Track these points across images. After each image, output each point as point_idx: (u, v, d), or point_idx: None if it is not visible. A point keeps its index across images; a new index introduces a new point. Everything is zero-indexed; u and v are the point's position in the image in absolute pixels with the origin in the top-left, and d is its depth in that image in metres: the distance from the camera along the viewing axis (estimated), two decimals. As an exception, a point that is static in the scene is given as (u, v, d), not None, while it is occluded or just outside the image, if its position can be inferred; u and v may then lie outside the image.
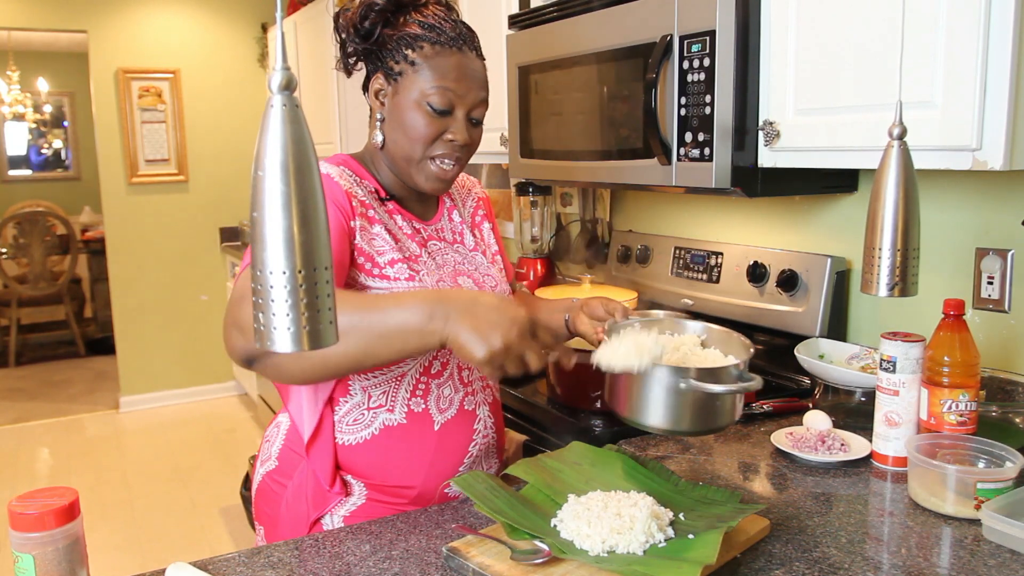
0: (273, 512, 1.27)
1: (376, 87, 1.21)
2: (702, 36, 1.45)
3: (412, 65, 1.16)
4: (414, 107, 1.16)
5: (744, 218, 1.99)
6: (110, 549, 3.18)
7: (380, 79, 1.20)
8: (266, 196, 0.60)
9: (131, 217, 4.79)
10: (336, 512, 1.22)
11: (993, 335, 1.47)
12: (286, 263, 0.60)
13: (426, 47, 1.15)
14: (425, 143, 1.17)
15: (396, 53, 1.17)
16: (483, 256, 1.34)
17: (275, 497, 1.27)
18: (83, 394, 5.29)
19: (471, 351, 0.93)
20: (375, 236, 1.17)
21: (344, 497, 1.22)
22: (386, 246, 1.17)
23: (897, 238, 1.07)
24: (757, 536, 1.04)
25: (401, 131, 1.18)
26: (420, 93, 1.16)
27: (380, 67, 1.19)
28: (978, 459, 1.16)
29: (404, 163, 1.20)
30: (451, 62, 1.16)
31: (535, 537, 0.97)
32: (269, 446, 1.31)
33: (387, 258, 1.17)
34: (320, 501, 1.22)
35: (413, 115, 1.16)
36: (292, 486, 1.25)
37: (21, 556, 0.86)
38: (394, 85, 1.18)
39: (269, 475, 1.29)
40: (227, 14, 4.87)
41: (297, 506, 1.23)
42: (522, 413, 1.69)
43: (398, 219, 1.23)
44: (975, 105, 1.11)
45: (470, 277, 1.28)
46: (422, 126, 1.16)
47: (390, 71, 1.18)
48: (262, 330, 0.62)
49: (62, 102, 7.99)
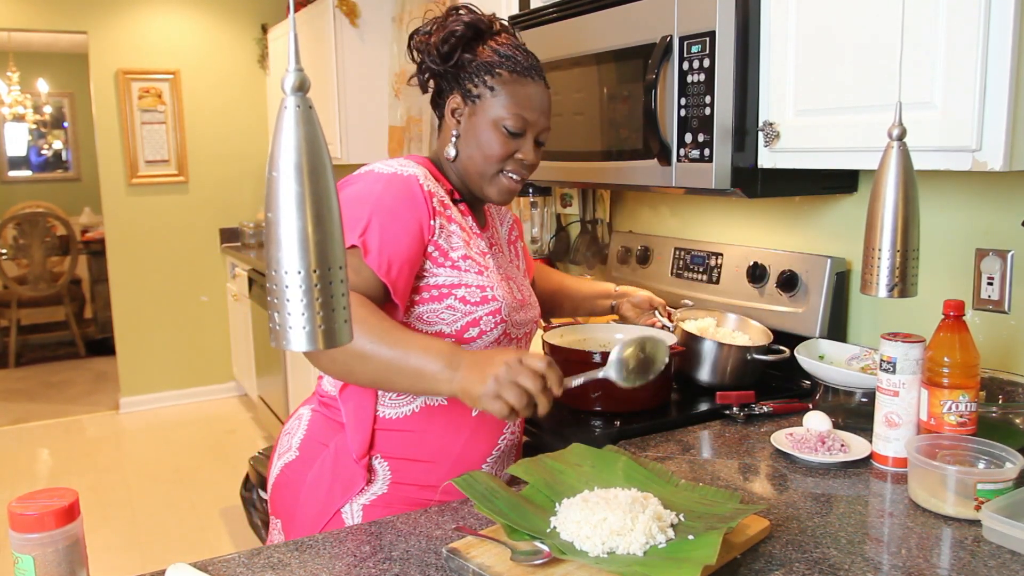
0: (292, 502, 1.29)
1: (453, 106, 1.30)
2: (702, 37, 1.45)
3: (491, 90, 1.26)
4: (491, 128, 1.27)
5: (744, 219, 1.99)
6: (110, 550, 3.18)
7: (457, 99, 1.29)
8: (280, 197, 0.60)
9: (131, 218, 4.79)
10: (356, 500, 1.25)
11: (993, 336, 1.47)
12: (301, 263, 0.61)
13: (504, 74, 1.26)
14: (499, 160, 1.28)
15: (475, 77, 1.27)
16: (518, 271, 1.44)
17: (294, 487, 1.29)
18: (83, 395, 5.29)
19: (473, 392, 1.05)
20: (452, 233, 1.26)
21: (366, 485, 1.25)
22: (459, 242, 1.26)
23: (897, 239, 1.07)
24: (757, 537, 1.04)
25: (477, 148, 1.28)
26: (497, 116, 1.26)
27: (458, 88, 1.29)
28: (978, 460, 1.16)
29: (477, 176, 1.30)
30: (526, 91, 1.27)
31: (535, 538, 0.97)
32: (289, 438, 1.35)
33: (460, 253, 1.25)
34: (342, 486, 1.24)
35: (490, 135, 1.27)
36: (312, 474, 1.28)
37: (21, 557, 0.86)
38: (471, 107, 1.28)
39: (288, 466, 1.32)
40: (227, 15, 4.87)
41: (317, 493, 1.26)
42: (522, 414, 1.69)
43: (468, 220, 1.33)
44: (975, 106, 1.11)
45: (515, 283, 1.37)
46: (498, 146, 1.27)
47: (468, 93, 1.28)
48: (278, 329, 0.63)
49: (62, 103, 7.99)
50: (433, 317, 1.23)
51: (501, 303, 1.26)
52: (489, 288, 1.26)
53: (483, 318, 1.25)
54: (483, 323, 1.25)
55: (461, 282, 1.24)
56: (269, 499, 1.37)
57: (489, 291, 1.26)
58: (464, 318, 1.24)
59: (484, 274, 1.27)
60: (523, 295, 1.38)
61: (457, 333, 1.24)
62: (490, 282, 1.27)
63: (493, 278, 1.28)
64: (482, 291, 1.25)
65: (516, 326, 1.32)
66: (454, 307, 1.23)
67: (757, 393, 1.58)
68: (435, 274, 1.23)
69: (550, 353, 1.61)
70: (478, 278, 1.25)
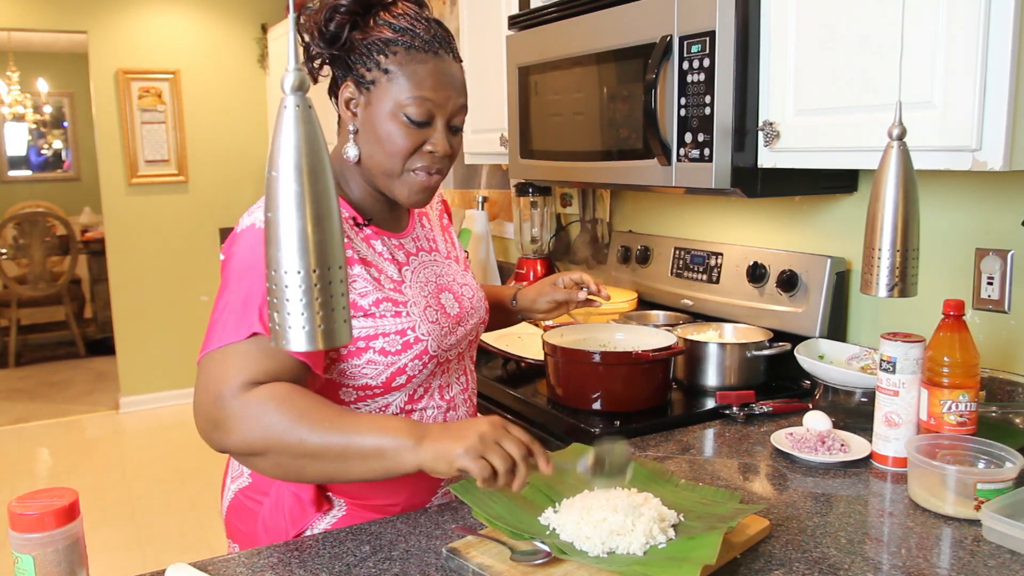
0: (249, 530, 1.21)
1: (346, 96, 1.12)
2: (702, 37, 1.45)
3: (386, 73, 1.08)
4: (390, 118, 1.09)
5: (744, 218, 1.99)
6: (110, 549, 3.18)
7: (351, 87, 1.11)
8: (280, 196, 0.60)
9: (131, 218, 4.79)
10: (317, 526, 1.17)
11: (993, 335, 1.47)
12: (300, 263, 0.61)
13: (400, 52, 1.08)
14: (404, 156, 1.10)
15: (367, 59, 1.09)
16: (456, 264, 1.31)
17: (250, 514, 1.21)
18: (83, 395, 5.29)
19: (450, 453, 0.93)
20: (355, 278, 1.10)
21: (324, 514, 1.17)
22: (368, 287, 1.11)
23: (897, 238, 1.07)
24: (757, 536, 1.04)
25: (377, 144, 1.11)
26: (396, 104, 1.08)
27: (350, 74, 1.11)
28: (978, 460, 1.16)
29: (384, 178, 1.13)
30: (427, 68, 1.09)
31: (535, 538, 0.97)
32: None
33: (370, 300, 1.10)
34: (300, 517, 1.16)
35: (389, 127, 1.09)
36: (269, 503, 1.18)
37: (21, 557, 0.86)
38: (367, 95, 1.10)
39: (242, 492, 1.22)
40: (227, 14, 4.87)
41: (276, 523, 1.17)
42: (522, 413, 1.69)
43: (376, 245, 1.17)
44: (975, 105, 1.11)
45: (450, 291, 1.24)
46: (400, 138, 1.09)
47: (361, 79, 1.10)
48: (277, 329, 0.62)
49: (62, 103, 7.98)
50: (355, 372, 1.11)
51: (426, 341, 1.13)
52: (410, 330, 1.12)
53: (408, 364, 1.12)
54: (409, 368, 1.12)
55: (377, 332, 1.10)
56: (224, 522, 1.27)
57: (411, 334, 1.12)
58: (387, 369, 1.11)
59: (403, 314, 1.12)
60: (461, 305, 1.24)
61: (384, 384, 1.13)
62: (411, 321, 1.12)
63: (415, 313, 1.13)
64: (402, 336, 1.11)
65: (450, 348, 1.19)
66: (375, 360, 1.10)
67: (757, 393, 1.58)
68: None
69: (550, 353, 1.61)
70: (396, 322, 1.11)
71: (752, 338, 1.73)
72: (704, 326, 1.83)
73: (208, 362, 1.02)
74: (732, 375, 1.66)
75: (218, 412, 0.99)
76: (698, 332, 1.78)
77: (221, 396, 0.98)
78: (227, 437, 0.99)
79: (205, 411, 1.00)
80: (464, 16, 2.46)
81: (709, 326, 1.82)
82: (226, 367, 0.99)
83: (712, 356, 1.67)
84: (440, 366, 1.20)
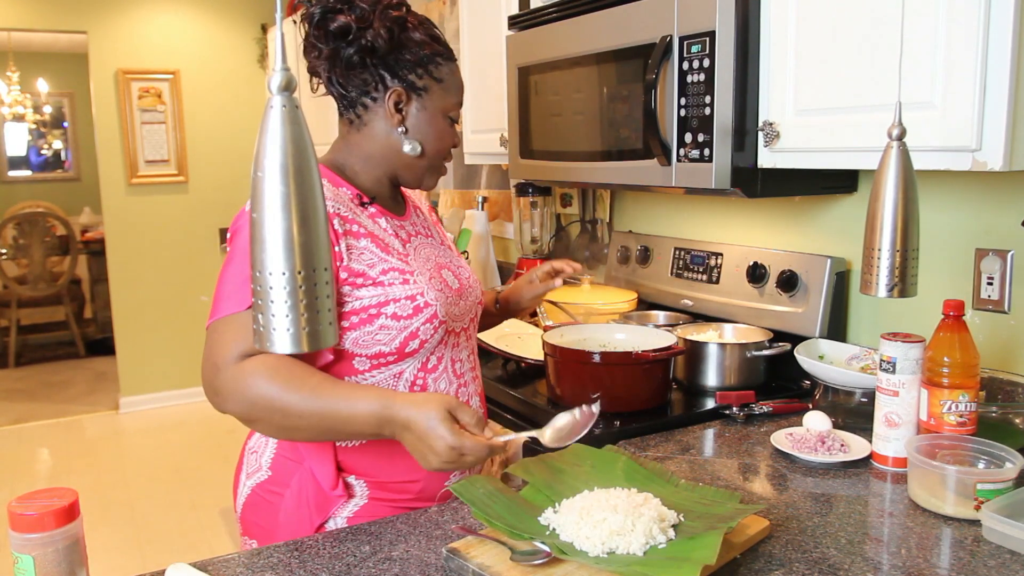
0: (269, 523, 1.24)
1: (395, 100, 1.23)
2: (702, 37, 1.45)
3: (439, 83, 1.25)
4: (441, 119, 1.26)
5: (744, 219, 1.99)
6: (110, 550, 3.18)
7: (400, 92, 1.22)
8: (265, 197, 0.60)
9: (131, 218, 4.79)
10: (339, 515, 1.21)
11: (993, 336, 1.47)
12: (285, 264, 0.60)
13: (442, 64, 1.25)
14: (448, 151, 1.29)
15: (417, 67, 1.22)
16: (450, 251, 1.39)
17: (270, 508, 1.24)
18: (83, 395, 5.29)
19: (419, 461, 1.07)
20: (363, 251, 1.18)
21: (347, 500, 1.22)
22: (375, 258, 1.18)
23: (896, 239, 1.07)
24: (757, 537, 1.04)
25: (430, 141, 1.26)
26: (446, 107, 1.26)
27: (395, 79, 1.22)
28: (978, 460, 1.16)
29: (422, 170, 1.28)
30: (458, 77, 1.28)
31: (535, 538, 0.97)
32: (257, 457, 1.29)
33: (379, 268, 1.18)
34: (323, 505, 1.21)
35: (441, 126, 1.26)
36: (291, 494, 1.22)
37: (21, 557, 0.86)
38: (418, 100, 1.24)
39: (260, 486, 1.26)
40: (227, 15, 4.87)
41: (299, 513, 1.21)
42: (522, 413, 1.69)
43: (381, 222, 1.24)
44: (975, 106, 1.11)
45: (449, 270, 1.31)
46: (448, 136, 1.28)
47: (412, 85, 1.23)
48: (262, 331, 0.62)
49: (62, 103, 7.98)
50: (368, 340, 1.17)
51: (436, 306, 1.20)
52: (419, 295, 1.19)
53: (420, 328, 1.19)
54: (422, 332, 1.19)
55: (388, 298, 1.17)
56: (240, 519, 1.31)
57: (420, 299, 1.19)
58: (401, 334, 1.18)
59: (410, 281, 1.19)
60: (460, 281, 1.31)
61: (398, 350, 1.19)
62: (419, 287, 1.19)
63: (422, 281, 1.21)
64: (412, 301, 1.18)
65: (456, 319, 1.27)
66: (387, 326, 1.17)
67: (757, 393, 1.58)
68: (358, 297, 1.15)
69: (550, 353, 1.61)
70: (405, 288, 1.18)
71: (752, 338, 1.73)
72: (704, 326, 1.83)
73: (212, 331, 1.12)
74: (732, 375, 1.66)
75: (216, 381, 1.09)
76: (698, 332, 1.78)
77: (217, 366, 1.09)
78: (224, 403, 1.10)
79: (206, 379, 1.11)
80: (464, 16, 2.46)
81: (709, 326, 1.82)
82: (225, 338, 1.10)
83: (712, 356, 1.67)
84: (449, 335, 1.26)
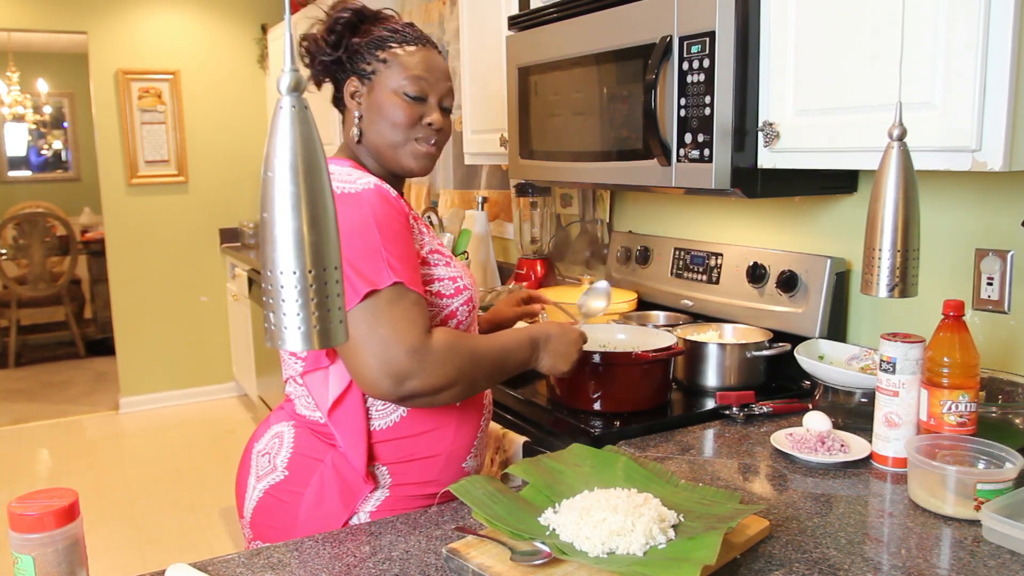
0: (286, 524, 1.23)
1: (351, 90, 1.29)
2: (702, 37, 1.45)
3: (384, 63, 1.27)
4: (391, 97, 1.26)
5: (744, 219, 1.99)
6: (110, 550, 3.18)
7: (355, 82, 1.29)
8: (276, 197, 0.60)
9: (131, 218, 4.79)
10: (363, 509, 1.23)
11: (993, 336, 1.47)
12: (296, 263, 0.61)
13: (395, 46, 1.27)
14: (406, 127, 1.27)
15: (367, 55, 1.27)
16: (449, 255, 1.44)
17: (286, 509, 1.24)
18: (83, 395, 5.29)
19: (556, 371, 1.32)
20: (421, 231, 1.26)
21: (372, 490, 1.24)
22: (425, 238, 1.27)
23: (897, 239, 1.07)
24: (757, 537, 1.04)
25: (382, 121, 1.27)
26: (396, 84, 1.26)
27: (352, 72, 1.29)
28: (978, 460, 1.16)
29: (390, 150, 1.29)
30: (418, 56, 1.28)
31: (535, 538, 0.97)
32: (270, 458, 1.29)
33: (428, 247, 1.26)
34: (349, 498, 1.22)
35: (392, 104, 1.26)
36: (311, 492, 1.23)
37: (21, 557, 0.86)
38: (368, 84, 1.28)
39: (275, 488, 1.26)
40: (227, 15, 4.87)
41: (323, 509, 1.22)
42: (522, 414, 1.69)
43: None
44: (975, 106, 1.11)
45: None
46: (400, 112, 1.26)
47: (363, 72, 1.28)
48: (273, 329, 0.62)
49: (62, 103, 7.99)
50: None
51: (472, 291, 1.28)
52: (459, 278, 1.27)
53: (459, 309, 1.26)
54: (459, 313, 1.27)
55: (434, 276, 1.24)
56: (250, 524, 1.29)
57: (460, 281, 1.27)
58: (442, 312, 1.25)
59: (451, 264, 1.28)
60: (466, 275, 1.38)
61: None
62: (458, 271, 1.28)
63: (458, 267, 1.29)
64: (454, 283, 1.26)
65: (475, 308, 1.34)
66: (432, 303, 1.24)
67: (757, 393, 1.58)
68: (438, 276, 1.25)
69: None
70: (447, 270, 1.26)
71: (752, 338, 1.73)
72: (704, 326, 1.83)
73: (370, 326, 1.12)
74: (732, 375, 1.66)
75: (414, 362, 1.12)
76: (698, 332, 1.78)
77: (415, 349, 1.12)
78: (423, 381, 1.13)
79: (395, 367, 1.12)
80: (464, 16, 2.46)
81: (709, 326, 1.82)
82: (399, 325, 1.12)
83: (712, 356, 1.67)
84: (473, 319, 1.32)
